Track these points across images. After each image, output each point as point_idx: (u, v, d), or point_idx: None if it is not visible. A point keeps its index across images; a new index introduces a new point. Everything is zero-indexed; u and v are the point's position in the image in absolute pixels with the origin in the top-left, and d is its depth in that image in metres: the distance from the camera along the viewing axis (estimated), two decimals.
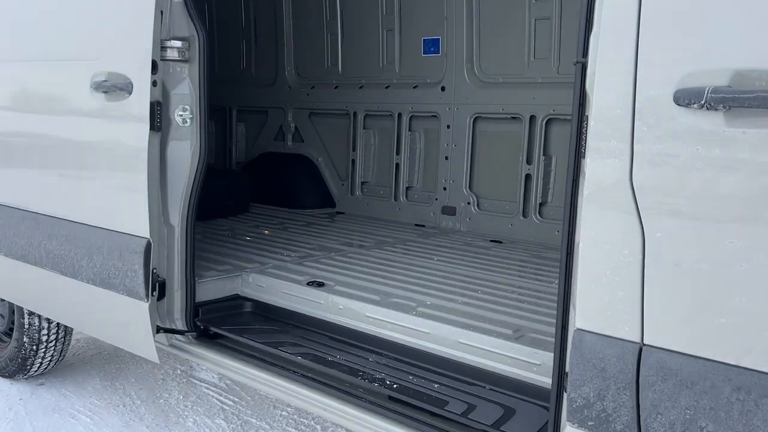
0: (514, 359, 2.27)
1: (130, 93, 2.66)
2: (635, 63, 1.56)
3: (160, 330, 2.86)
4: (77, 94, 2.91)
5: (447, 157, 4.55)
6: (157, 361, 2.78)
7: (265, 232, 4.11)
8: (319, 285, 2.96)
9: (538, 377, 2.19)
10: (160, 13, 2.59)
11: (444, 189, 4.59)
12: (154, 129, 2.63)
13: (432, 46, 4.61)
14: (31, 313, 3.65)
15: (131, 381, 4.08)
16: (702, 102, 1.43)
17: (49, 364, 3.92)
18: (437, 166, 4.61)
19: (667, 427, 1.53)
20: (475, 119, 4.42)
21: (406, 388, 2.23)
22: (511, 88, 4.24)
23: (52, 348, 3.83)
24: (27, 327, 3.70)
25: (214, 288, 3.06)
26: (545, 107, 4.10)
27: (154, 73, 2.61)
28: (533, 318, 2.57)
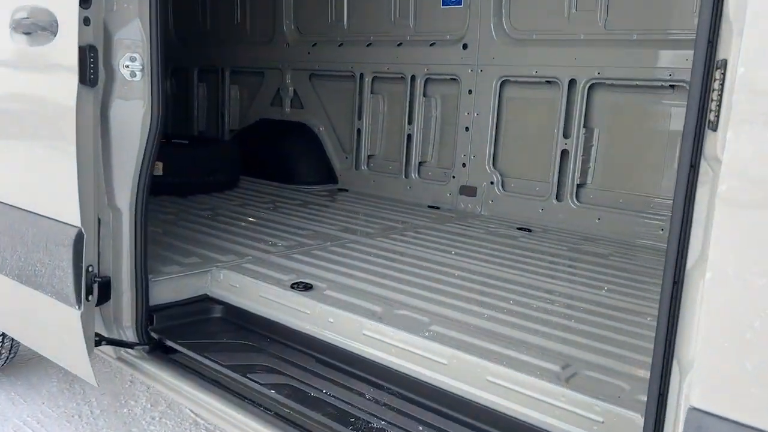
0: (564, 410, 1.63)
1: (55, 34, 2.01)
2: None
3: (103, 341, 2.25)
4: None
5: (467, 128, 3.90)
6: (94, 384, 2.18)
7: (250, 219, 3.47)
8: (306, 288, 2.33)
9: None
10: None
11: (463, 165, 3.94)
12: (87, 83, 1.98)
13: None
14: None
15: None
16: None
17: None
18: (456, 139, 3.98)
19: None
20: (502, 83, 3.77)
21: None
22: (548, 46, 3.58)
23: None
24: None
25: (177, 287, 2.44)
26: (588, 70, 3.43)
27: (86, 6, 1.95)
28: (587, 345, 1.93)
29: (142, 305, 2.28)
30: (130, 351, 2.31)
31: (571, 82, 3.49)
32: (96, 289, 2.12)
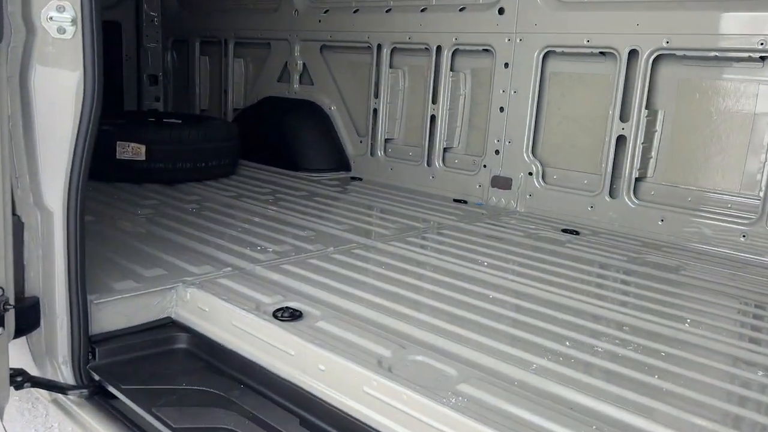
0: None
1: None
2: None
3: (27, 383, 1.72)
4: None
5: (502, 108, 3.31)
6: None
7: (241, 215, 2.91)
8: (294, 316, 1.77)
9: None
10: None
11: (496, 153, 3.35)
12: None
13: None
14: None
15: None
16: None
17: None
18: (488, 121, 3.40)
19: None
20: (545, 55, 3.19)
21: None
22: (603, 10, 2.98)
23: None
24: None
25: (131, 310, 1.89)
26: (654, 38, 2.82)
27: None
28: (704, 428, 1.34)
29: (80, 335, 1.75)
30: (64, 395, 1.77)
31: (632, 54, 2.87)
32: (8, 318, 1.59)
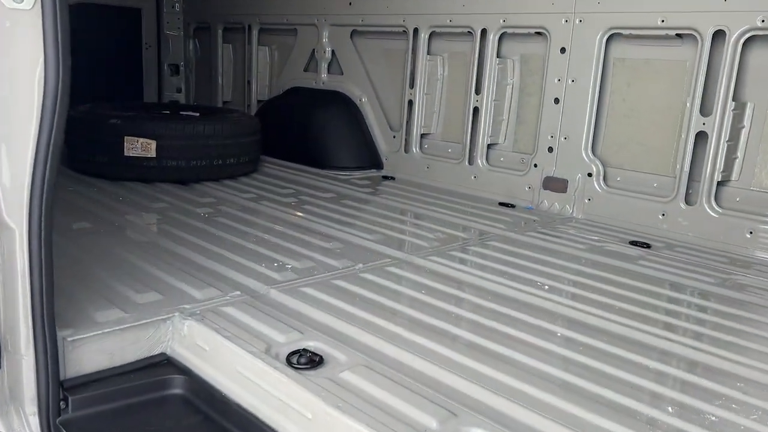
0: None
1: None
2: None
3: None
4: None
5: (557, 100, 2.93)
6: None
7: (259, 222, 2.56)
8: (312, 364, 1.40)
9: None
10: None
11: (549, 150, 2.96)
12: None
13: None
14: None
15: None
16: None
17: None
18: (540, 114, 3.04)
19: None
20: (610, 38, 2.78)
21: None
22: None
23: None
24: None
25: (114, 346, 1.55)
26: (745, 16, 2.41)
27: None
28: None
29: (47, 379, 1.41)
30: None
31: (717, 35, 2.45)
32: None
